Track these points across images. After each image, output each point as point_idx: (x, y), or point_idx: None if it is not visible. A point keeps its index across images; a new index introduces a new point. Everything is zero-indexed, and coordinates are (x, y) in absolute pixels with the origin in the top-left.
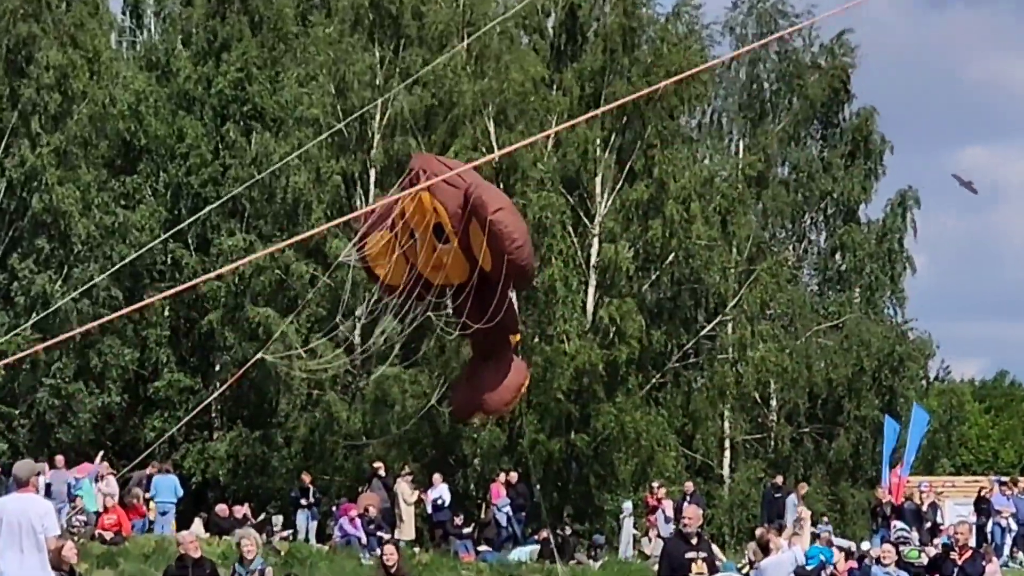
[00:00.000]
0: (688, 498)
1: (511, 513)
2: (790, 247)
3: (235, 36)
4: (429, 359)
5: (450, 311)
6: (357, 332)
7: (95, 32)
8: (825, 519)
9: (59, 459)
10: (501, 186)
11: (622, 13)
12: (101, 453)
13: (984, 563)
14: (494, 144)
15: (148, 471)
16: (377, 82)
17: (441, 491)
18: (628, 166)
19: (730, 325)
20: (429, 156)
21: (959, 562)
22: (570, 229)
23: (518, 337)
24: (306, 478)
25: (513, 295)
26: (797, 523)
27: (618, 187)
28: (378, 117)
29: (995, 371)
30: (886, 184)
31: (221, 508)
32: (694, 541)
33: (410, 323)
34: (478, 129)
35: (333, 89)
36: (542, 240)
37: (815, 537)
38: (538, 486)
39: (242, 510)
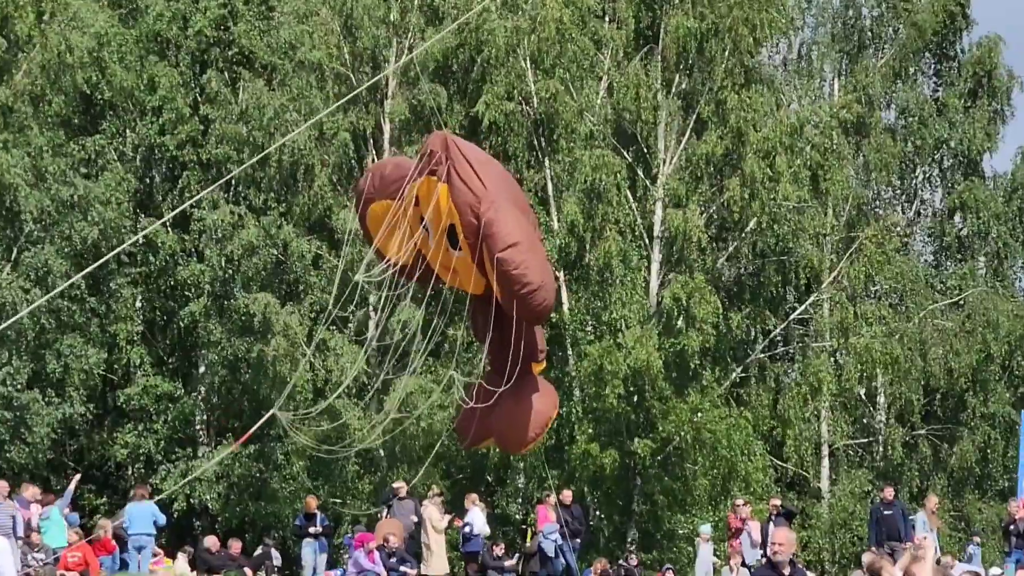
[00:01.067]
0: (778, 518)
1: (561, 541)
2: (898, 208)
3: None
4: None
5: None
6: (373, 325)
7: None
8: (976, 540)
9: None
10: (542, 142)
11: None
12: (77, 476)
13: None
14: (532, 90)
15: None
16: (392, 17)
17: (476, 515)
18: (696, 114)
19: (826, 305)
20: (453, 139)
21: None
22: (627, 193)
23: (541, 367)
24: (312, 502)
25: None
26: (918, 547)
27: (684, 140)
28: (392, 60)
29: None
30: (1014, 130)
31: (210, 541)
32: (787, 571)
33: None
34: (513, 73)
35: (338, 27)
36: (595, 208)
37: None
38: (594, 507)
39: (236, 545)
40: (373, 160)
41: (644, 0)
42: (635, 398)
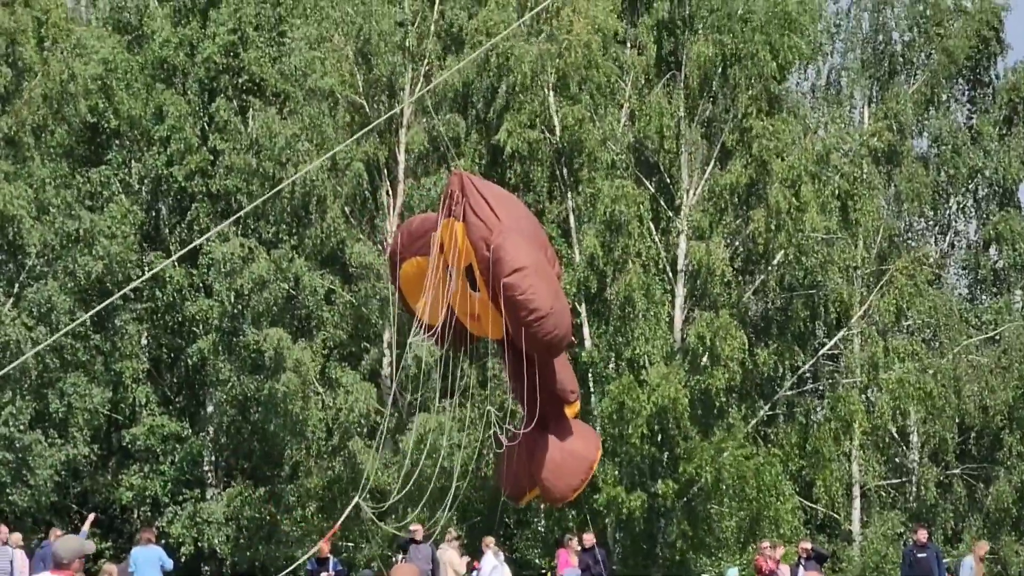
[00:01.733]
0: (808, 561)
1: None
2: (931, 240)
3: None
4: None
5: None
6: (388, 363)
7: None
8: None
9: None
10: (564, 171)
11: None
12: (92, 516)
13: None
14: (554, 118)
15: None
16: (408, 43)
17: (488, 560)
18: (720, 142)
19: (857, 340)
20: (469, 176)
21: None
22: (650, 225)
23: (575, 409)
24: (325, 546)
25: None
26: None
27: (708, 169)
28: (407, 88)
29: None
30: None
31: None
32: None
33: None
34: (536, 101)
35: (352, 53)
36: (615, 240)
37: None
38: (617, 550)
39: None
40: (388, 192)
41: (666, 26)
42: (659, 437)
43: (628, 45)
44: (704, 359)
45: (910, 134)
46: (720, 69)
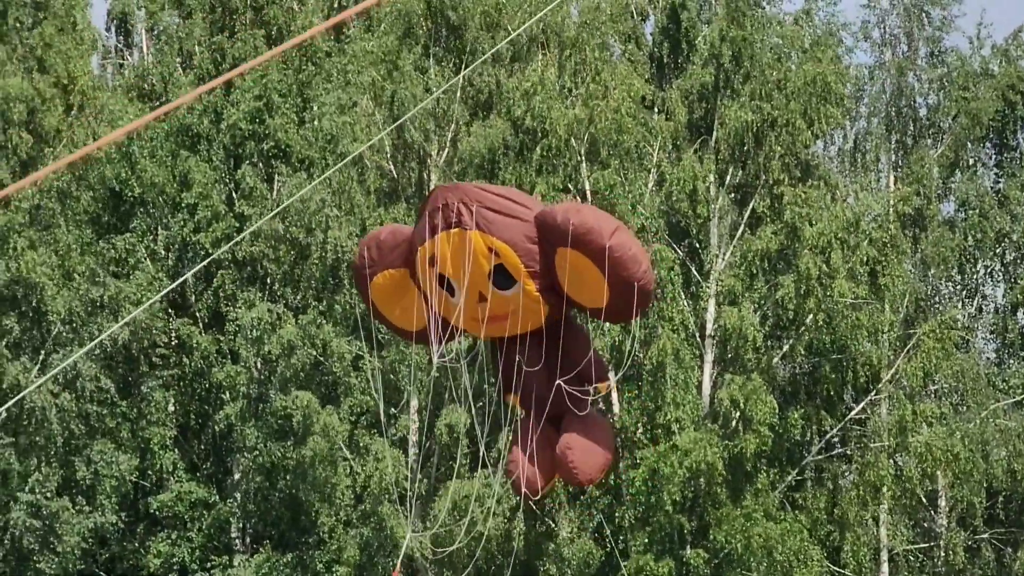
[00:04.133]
0: None
1: None
2: (959, 304)
3: (248, 55)
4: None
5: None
6: (414, 427)
7: (70, 54)
8: None
9: None
10: None
11: (733, 12)
12: None
13: None
14: (585, 183)
15: None
16: (438, 109)
17: None
18: (750, 208)
19: (885, 405)
20: (462, 185)
21: None
22: (680, 289)
23: (607, 385)
24: None
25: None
26: None
27: (738, 235)
28: (435, 151)
29: None
30: None
31: None
32: None
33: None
34: (569, 164)
35: (380, 118)
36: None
37: None
38: None
39: None
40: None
41: (699, 91)
42: (690, 504)
43: (656, 110)
44: (735, 423)
45: (936, 198)
46: (754, 135)
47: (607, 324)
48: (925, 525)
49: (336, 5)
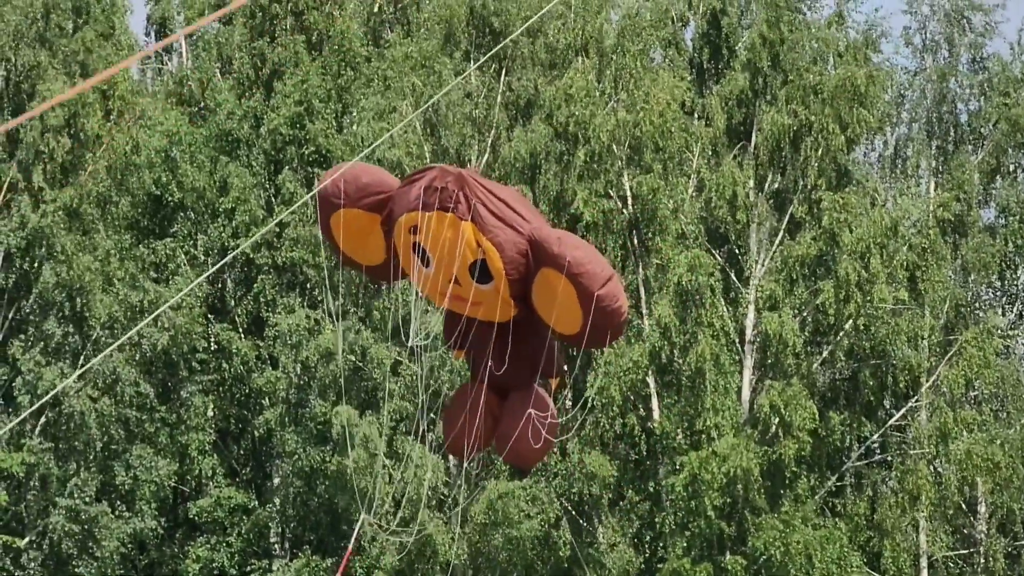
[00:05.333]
0: None
1: None
2: (999, 310)
3: (289, 60)
4: (549, 468)
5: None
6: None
7: (111, 59)
8: None
9: None
10: (634, 240)
11: (770, 17)
12: None
13: None
14: (627, 191)
15: None
16: (476, 114)
17: None
18: (789, 214)
19: (925, 411)
20: (466, 174)
21: None
22: (720, 295)
23: (558, 381)
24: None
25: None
26: None
27: (778, 241)
28: (474, 158)
29: None
30: None
31: None
32: None
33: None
34: (611, 170)
35: (419, 124)
36: (689, 310)
37: None
38: None
39: None
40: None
41: (738, 97)
42: (729, 509)
43: (696, 116)
44: (775, 429)
45: (976, 204)
46: (791, 141)
47: (647, 327)
48: (965, 531)
49: (376, 9)
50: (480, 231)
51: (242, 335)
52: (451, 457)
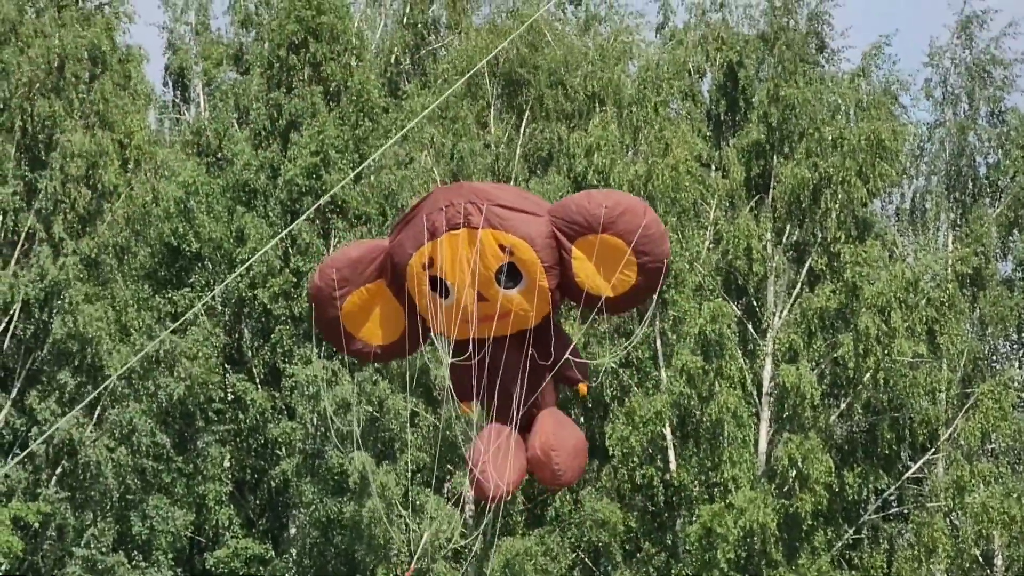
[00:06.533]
0: None
1: None
2: (1016, 363)
3: (306, 111)
4: (562, 519)
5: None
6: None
7: (128, 109)
8: None
9: None
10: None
11: (787, 70)
12: None
13: None
14: None
15: None
16: (498, 164)
17: None
18: (807, 266)
19: (942, 464)
20: (467, 184)
21: None
22: (736, 347)
23: (586, 385)
24: None
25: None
26: None
27: (796, 293)
28: None
29: None
30: None
31: None
32: None
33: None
34: None
35: (438, 175)
36: (709, 362)
37: None
38: None
39: None
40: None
41: (756, 149)
42: (744, 563)
43: (713, 168)
44: (791, 483)
45: (995, 257)
46: (810, 193)
47: (665, 379)
48: None
49: (392, 61)
50: (502, 230)
51: (258, 386)
52: (467, 509)
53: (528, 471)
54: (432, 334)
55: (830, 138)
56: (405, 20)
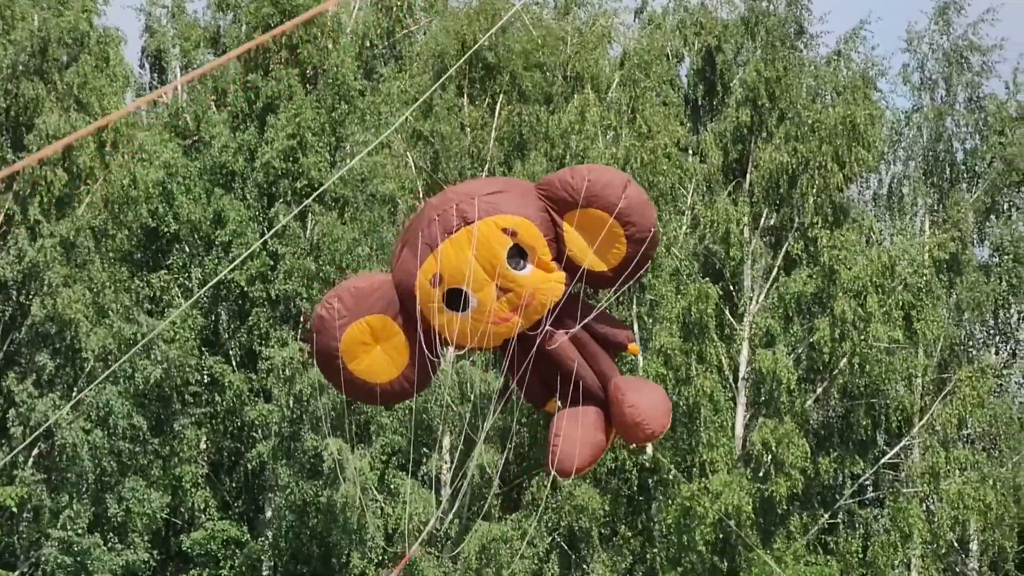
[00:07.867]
0: None
1: None
2: (993, 349)
3: (283, 94)
4: (539, 503)
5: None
6: (447, 469)
7: (104, 91)
8: None
9: None
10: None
11: (768, 53)
12: None
13: None
14: None
15: None
16: (472, 148)
17: None
18: (784, 251)
19: (917, 450)
20: (450, 188)
21: None
22: (714, 331)
23: (635, 345)
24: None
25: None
26: None
27: (772, 278)
28: None
29: None
30: None
31: None
32: None
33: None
34: None
35: (411, 159)
36: (690, 344)
37: None
38: None
39: None
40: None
41: (733, 133)
42: (721, 545)
43: (690, 152)
44: (767, 468)
45: (971, 243)
46: (788, 177)
47: (642, 363)
48: (957, 569)
49: (368, 44)
50: (499, 214)
51: (235, 368)
52: (443, 492)
53: (617, 440)
54: (442, 350)
55: (809, 122)
56: (380, 3)
